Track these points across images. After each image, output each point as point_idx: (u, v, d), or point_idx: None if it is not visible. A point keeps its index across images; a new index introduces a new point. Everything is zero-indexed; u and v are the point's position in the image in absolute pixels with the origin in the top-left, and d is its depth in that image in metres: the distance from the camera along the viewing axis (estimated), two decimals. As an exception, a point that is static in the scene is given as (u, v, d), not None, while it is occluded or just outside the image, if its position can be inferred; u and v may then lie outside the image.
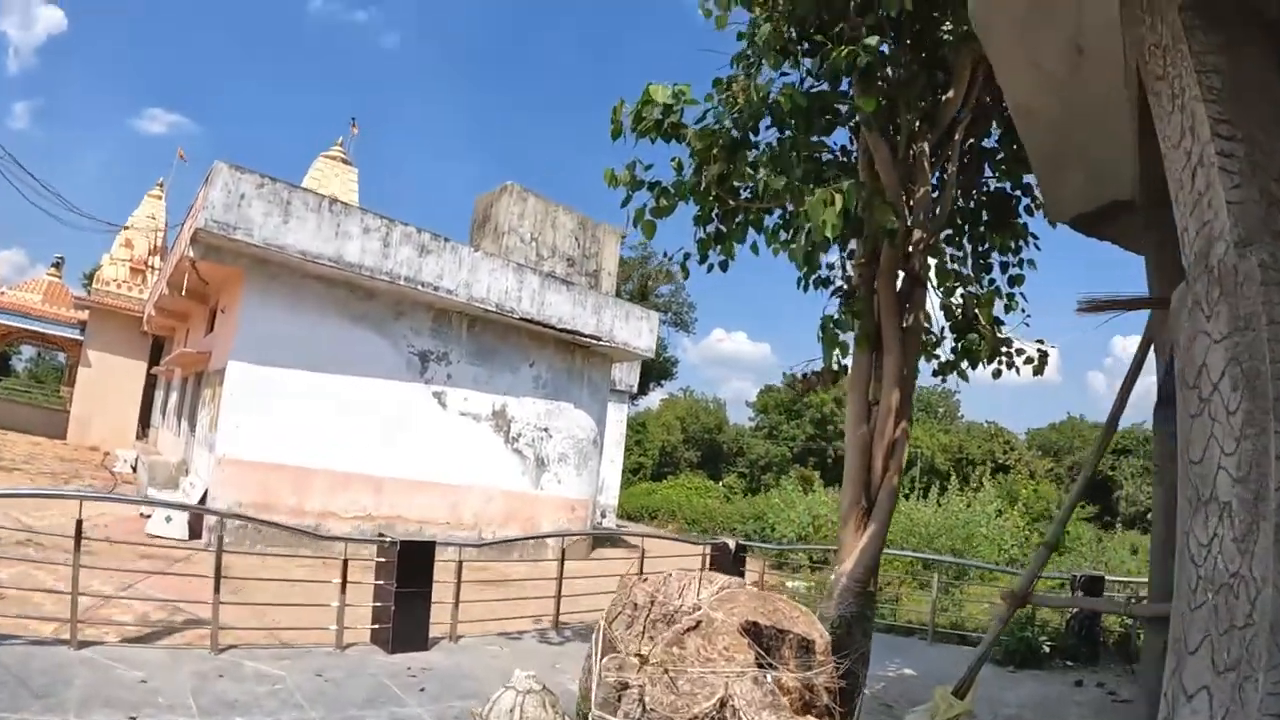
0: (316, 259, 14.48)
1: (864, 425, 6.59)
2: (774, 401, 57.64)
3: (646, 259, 49.85)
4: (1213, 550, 2.82)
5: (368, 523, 15.62)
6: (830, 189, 5.36)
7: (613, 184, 6.64)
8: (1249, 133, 3.07)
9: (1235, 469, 2.74)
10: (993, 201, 7.93)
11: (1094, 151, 5.53)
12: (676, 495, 38.47)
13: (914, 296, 6.76)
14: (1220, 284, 2.96)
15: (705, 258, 7.24)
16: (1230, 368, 2.84)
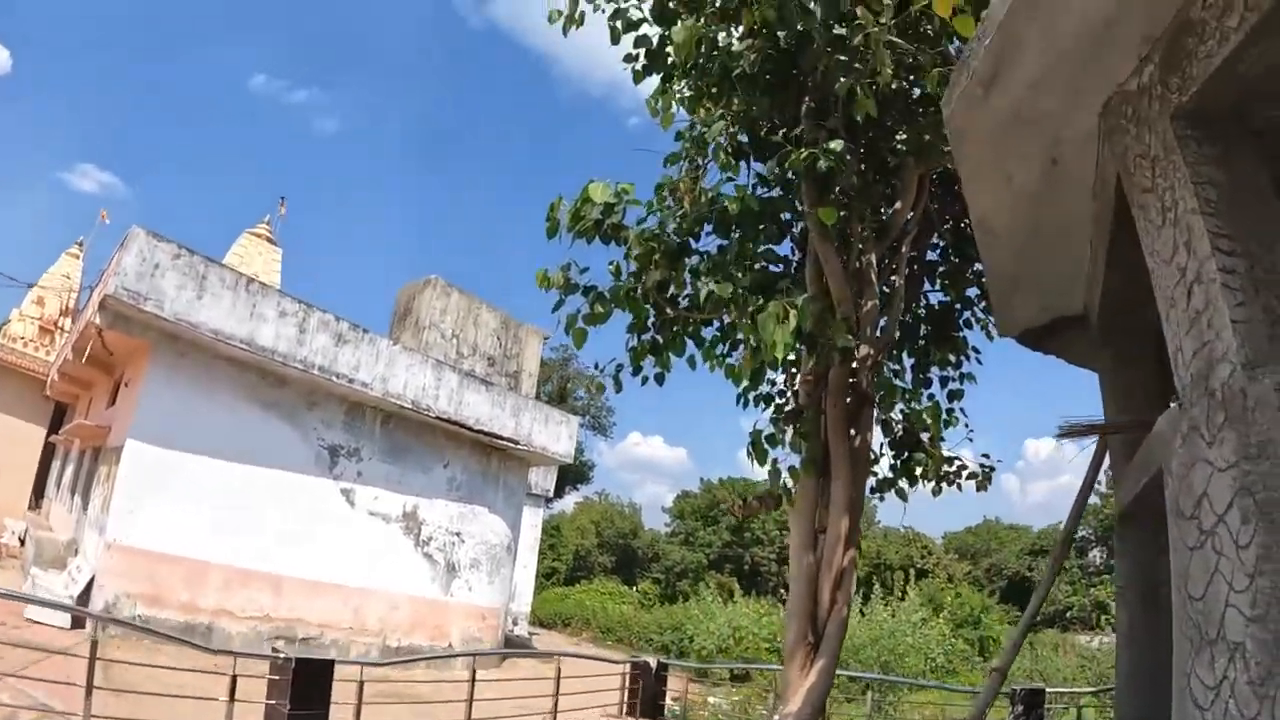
0: (229, 339, 13.85)
1: (810, 554, 6.15)
2: (690, 507, 57.23)
3: (567, 360, 49.72)
4: (1222, 694, 2.63)
5: (265, 624, 14.67)
6: (783, 303, 5.04)
7: (545, 286, 6.26)
8: (1248, 247, 2.92)
9: (1249, 607, 2.54)
10: (933, 315, 7.75)
11: (1049, 268, 5.46)
12: (591, 601, 37.56)
13: (861, 416, 6.43)
14: (1226, 408, 2.77)
15: (639, 369, 6.83)
16: (1240, 498, 2.63)
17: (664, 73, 6.68)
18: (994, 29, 3.31)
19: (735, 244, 6.17)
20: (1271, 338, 2.78)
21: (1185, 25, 3.12)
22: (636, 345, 6.72)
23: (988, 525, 58.26)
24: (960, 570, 52.06)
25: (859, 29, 4.85)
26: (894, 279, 6.72)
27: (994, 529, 57.94)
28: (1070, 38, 3.32)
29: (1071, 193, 4.48)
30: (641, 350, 6.71)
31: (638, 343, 6.71)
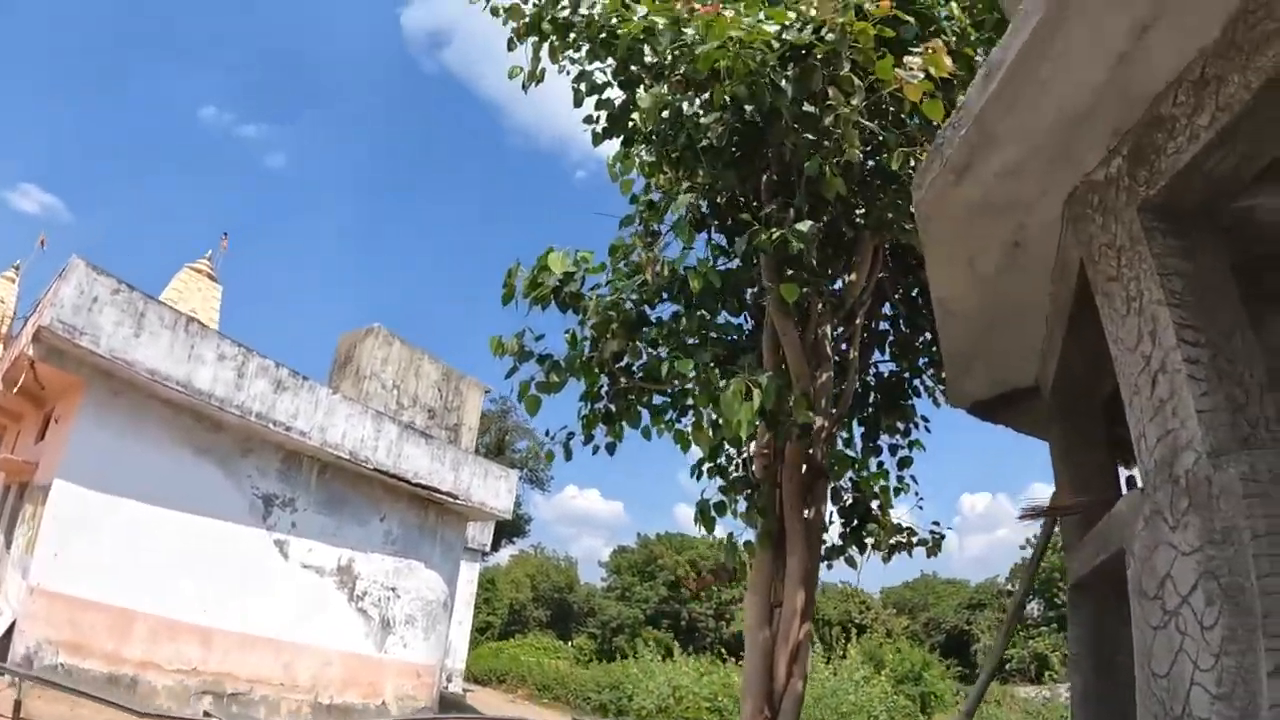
0: (165, 380, 13.46)
1: (766, 629, 6.10)
2: (627, 562, 56.85)
3: (506, 412, 49.37)
4: None
5: (193, 678, 14.12)
6: (745, 381, 5.03)
7: (499, 353, 6.23)
8: (1212, 338, 3.00)
9: (1214, 686, 2.60)
10: (883, 384, 7.82)
11: (1004, 345, 5.54)
12: (526, 657, 36.92)
13: (815, 488, 6.42)
14: (1190, 495, 2.84)
15: (590, 438, 6.78)
16: (1204, 582, 2.71)
17: (625, 137, 6.71)
18: (970, 121, 3.37)
19: (695, 318, 6.17)
20: (1233, 426, 2.84)
21: (1155, 120, 3.21)
22: (589, 414, 6.68)
23: (925, 580, 58.67)
24: (899, 625, 52.21)
25: (830, 109, 4.91)
26: (848, 350, 6.77)
27: (931, 584, 58.38)
28: (1043, 131, 3.40)
29: (1031, 275, 4.55)
30: (594, 419, 6.69)
31: (590, 411, 6.68)
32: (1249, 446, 2.81)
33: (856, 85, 4.89)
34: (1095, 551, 4.34)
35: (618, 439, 6.73)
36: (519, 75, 6.62)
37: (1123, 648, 5.36)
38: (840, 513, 7.36)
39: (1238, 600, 2.57)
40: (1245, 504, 2.62)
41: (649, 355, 6.07)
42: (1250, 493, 2.62)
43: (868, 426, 7.76)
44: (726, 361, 6.02)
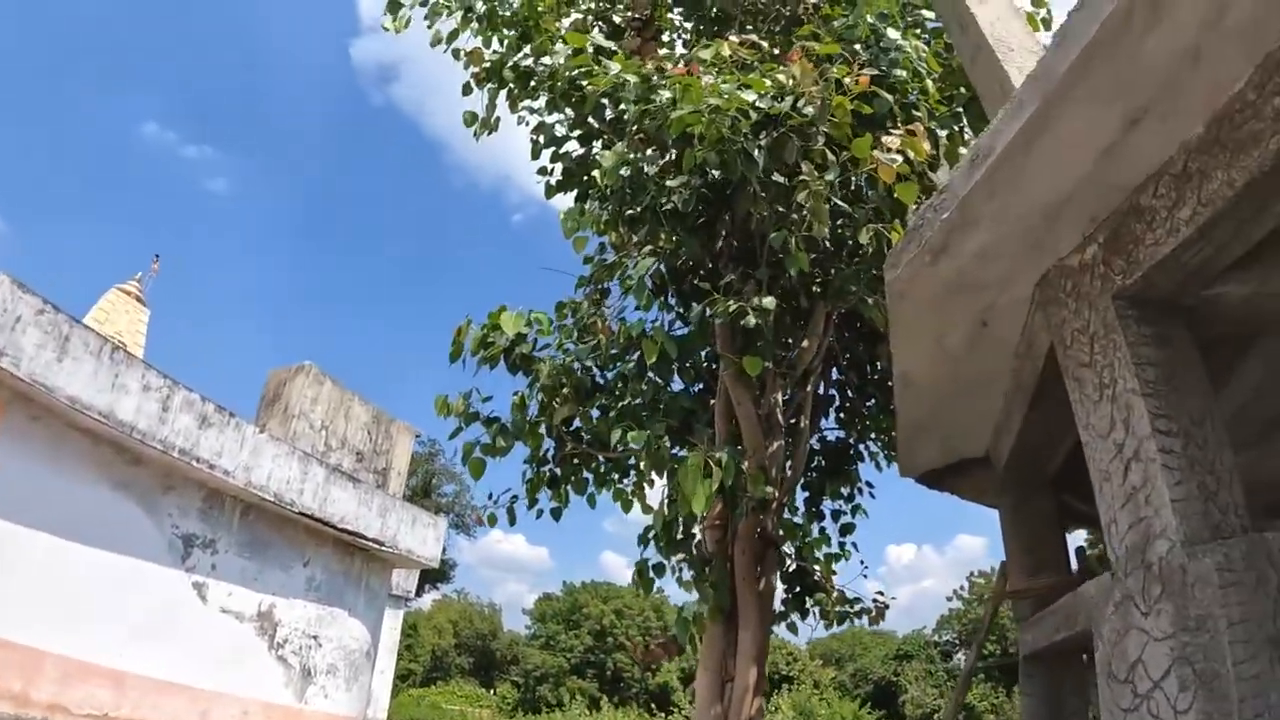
0: (86, 409, 12.65)
1: (718, 705, 5.96)
2: (552, 610, 56.29)
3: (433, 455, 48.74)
4: None
5: (104, 724, 13.31)
6: (703, 456, 4.95)
7: (444, 414, 6.16)
8: (1184, 426, 3.06)
9: None
10: (828, 450, 7.84)
11: (960, 417, 5.62)
12: (448, 705, 36.19)
13: (766, 559, 6.35)
14: (1163, 582, 2.89)
15: (534, 501, 6.68)
16: (1178, 667, 2.75)
17: (579, 192, 6.69)
18: (954, 204, 3.39)
19: (649, 387, 6.12)
20: (1205, 515, 2.89)
21: (1135, 210, 3.26)
22: (534, 477, 6.59)
23: (852, 632, 59.06)
24: (826, 677, 52.48)
25: (802, 183, 4.91)
26: (798, 419, 6.77)
27: (859, 635, 58.86)
28: (1022, 215, 3.44)
29: (995, 352, 4.61)
30: (538, 482, 6.59)
31: (535, 474, 6.59)
32: (1220, 535, 2.86)
33: (830, 160, 4.92)
34: (1055, 628, 4.36)
35: (563, 504, 6.67)
36: (474, 124, 6.57)
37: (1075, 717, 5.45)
38: (782, 578, 7.29)
39: (1212, 686, 2.61)
40: (1220, 593, 2.66)
41: (599, 420, 5.97)
42: (1225, 582, 2.67)
43: (811, 492, 7.78)
44: (679, 431, 5.98)
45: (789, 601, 7.33)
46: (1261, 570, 2.70)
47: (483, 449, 6.11)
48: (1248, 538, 2.78)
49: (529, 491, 6.59)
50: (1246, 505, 2.97)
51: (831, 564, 7.46)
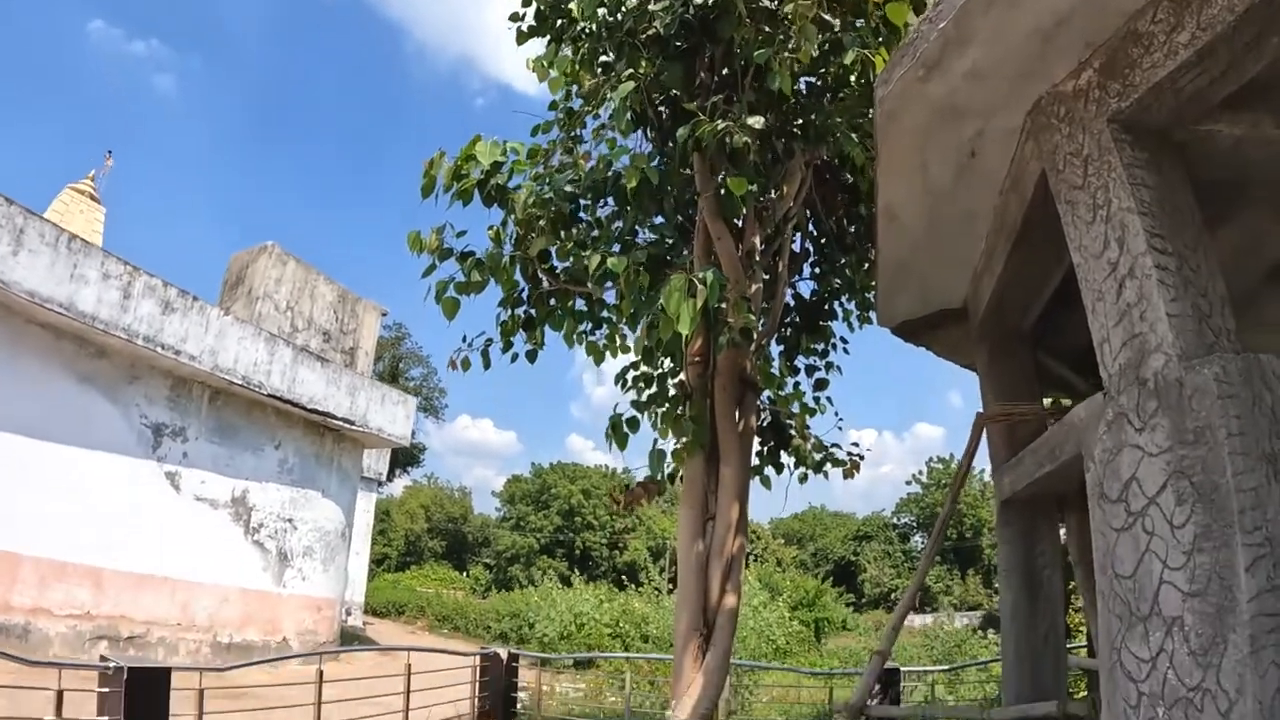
0: (46, 303, 12.45)
1: (700, 542, 5.97)
2: (521, 491, 57.07)
3: (400, 339, 48.56)
4: (1159, 666, 2.75)
5: (87, 622, 13.46)
6: (688, 277, 4.83)
7: (417, 250, 5.84)
8: (1178, 249, 3.04)
9: (1187, 584, 2.67)
10: (802, 305, 7.77)
11: (940, 260, 5.59)
12: (423, 589, 36.84)
13: (746, 401, 6.30)
14: (1159, 397, 2.88)
15: (509, 345, 6.54)
16: (1175, 481, 2.76)
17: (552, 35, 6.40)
18: (950, 15, 3.28)
19: (629, 216, 5.96)
20: (1200, 333, 2.89)
21: (1132, 35, 3.21)
22: (509, 319, 6.43)
23: (813, 512, 60.65)
24: (789, 555, 53.92)
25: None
26: (778, 263, 6.67)
27: (819, 516, 60.46)
28: (1019, 34, 3.37)
29: (980, 188, 4.58)
30: (513, 324, 6.43)
31: (510, 316, 6.43)
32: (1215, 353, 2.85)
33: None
34: (1037, 464, 4.39)
35: (538, 345, 6.55)
36: None
37: (1046, 564, 5.56)
38: (757, 432, 7.34)
39: (1211, 499, 2.62)
40: (1220, 404, 2.67)
41: (576, 256, 5.78)
42: (1224, 394, 2.67)
43: (786, 347, 7.74)
44: (659, 265, 5.84)
45: (764, 455, 7.36)
46: (1257, 390, 2.71)
47: (456, 287, 5.86)
48: (1244, 356, 2.78)
49: (503, 334, 6.43)
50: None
51: (806, 414, 7.48)
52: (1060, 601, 5.57)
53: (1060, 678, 5.52)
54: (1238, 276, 4.87)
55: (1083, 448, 3.39)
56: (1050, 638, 5.51)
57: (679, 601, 6.02)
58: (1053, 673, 5.48)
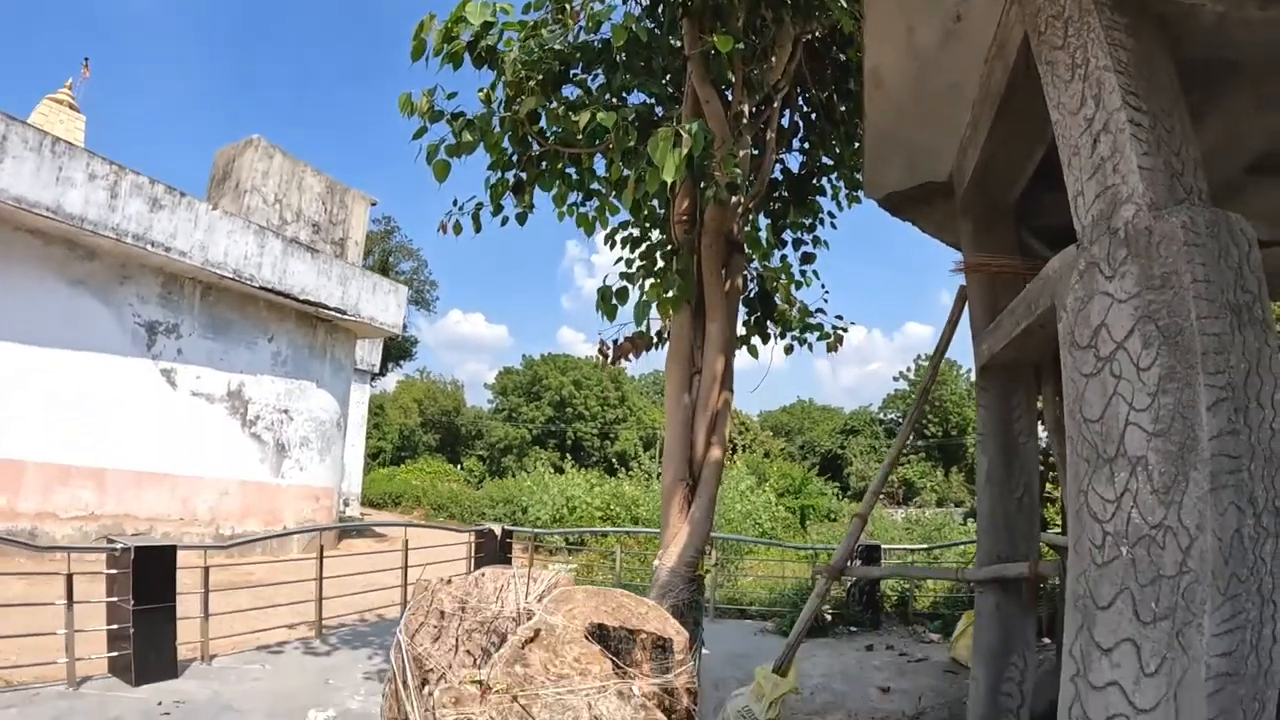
0: (33, 208, 12.42)
1: (686, 395, 6.15)
2: (513, 383, 57.36)
3: (390, 233, 48.23)
4: (1123, 505, 2.83)
5: (92, 523, 13.80)
6: (675, 127, 4.88)
7: (408, 112, 5.83)
8: (1153, 109, 3.08)
9: (1151, 424, 2.75)
10: (790, 179, 7.84)
11: (926, 129, 5.61)
12: (418, 480, 37.39)
13: (733, 260, 6.42)
14: (1128, 245, 2.94)
15: (499, 208, 6.60)
16: (1142, 325, 2.83)
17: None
18: None
19: (618, 78, 5.99)
20: (1171, 188, 2.96)
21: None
22: (498, 182, 6.49)
23: (801, 405, 61.35)
24: (776, 447, 54.63)
25: None
26: (767, 132, 6.73)
27: (808, 409, 61.16)
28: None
29: (966, 54, 4.61)
30: (502, 187, 6.49)
31: (499, 179, 6.49)
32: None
33: None
34: (1015, 322, 4.52)
35: (528, 209, 6.60)
36: None
37: (1022, 429, 5.77)
38: (744, 302, 7.45)
39: (1176, 341, 2.71)
40: (1185, 250, 2.74)
41: (565, 119, 5.76)
42: (1190, 241, 2.75)
43: (774, 219, 7.85)
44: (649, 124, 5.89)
45: (750, 325, 7.53)
46: (1224, 243, 2.78)
47: (447, 149, 5.85)
48: (1212, 210, 2.84)
49: (493, 197, 6.48)
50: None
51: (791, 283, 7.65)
52: (1034, 466, 5.75)
53: (1033, 540, 5.73)
54: (1221, 168, 4.92)
55: (1056, 298, 3.49)
56: (1024, 501, 5.70)
57: (666, 454, 6.22)
58: (1025, 535, 5.69)
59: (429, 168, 5.83)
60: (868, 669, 9.01)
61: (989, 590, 5.75)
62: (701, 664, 8.33)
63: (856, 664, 9.25)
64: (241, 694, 7.02)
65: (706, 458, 6.03)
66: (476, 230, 6.61)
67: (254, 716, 6.41)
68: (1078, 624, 3.05)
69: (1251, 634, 2.55)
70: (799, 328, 7.73)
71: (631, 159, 5.44)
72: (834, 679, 8.50)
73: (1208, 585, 2.53)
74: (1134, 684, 2.71)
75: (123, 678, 6.99)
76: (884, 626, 11.38)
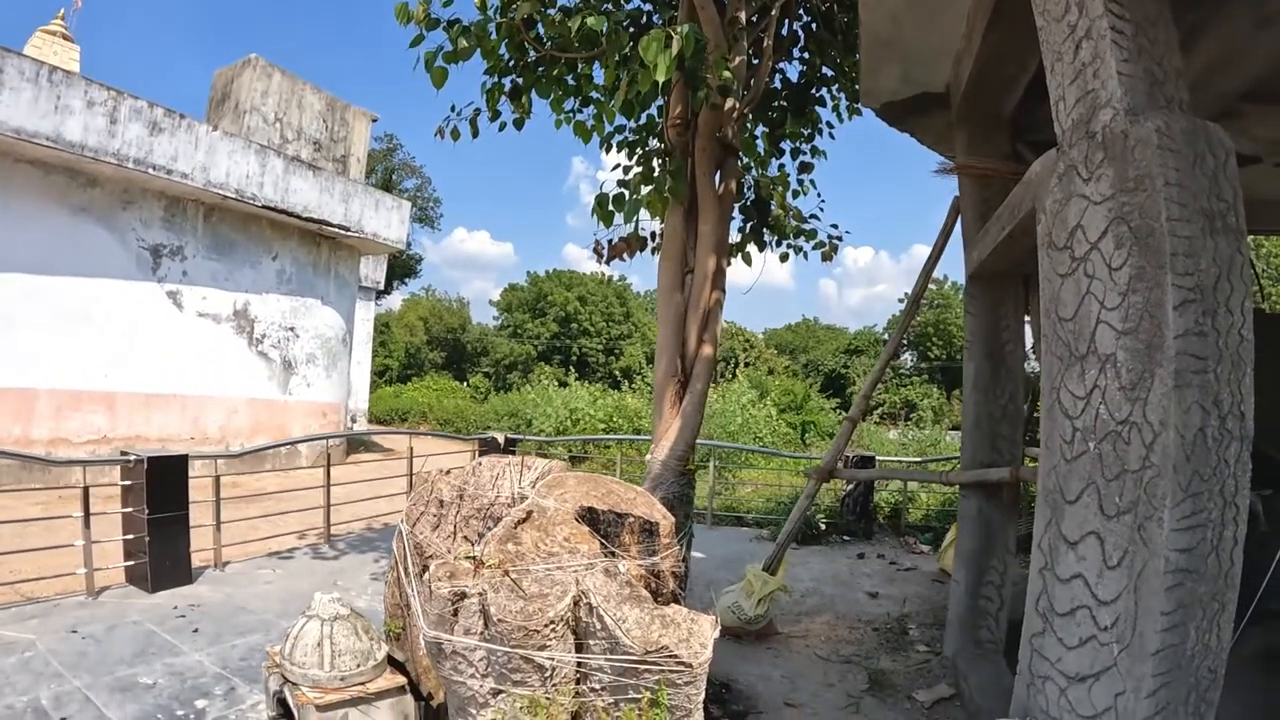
0: (32, 138, 12.34)
1: (679, 293, 6.23)
2: (518, 300, 57.41)
3: (392, 151, 47.84)
4: (1092, 402, 2.93)
5: (104, 446, 14.02)
6: (664, 30, 4.89)
7: (404, 21, 5.80)
8: (1137, 19, 3.08)
9: (1120, 322, 2.83)
10: (789, 88, 7.82)
11: (922, 37, 5.66)
12: (424, 397, 37.70)
13: (726, 164, 6.44)
14: (1105, 148, 2.98)
15: (497, 114, 6.62)
16: (1115, 227, 2.89)
17: None
18: None
19: None
20: (1150, 95, 3.00)
21: None
22: (494, 86, 6.50)
23: (806, 324, 61.32)
24: (780, 364, 54.79)
25: None
26: (763, 39, 6.71)
27: (812, 328, 61.11)
28: None
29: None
30: (498, 92, 6.51)
31: (495, 84, 6.51)
32: (1162, 111, 2.97)
33: None
34: (1001, 227, 4.60)
35: (525, 114, 6.62)
36: None
37: (1009, 338, 5.88)
38: (740, 210, 7.53)
39: (1147, 242, 2.78)
40: (1159, 155, 2.79)
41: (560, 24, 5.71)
42: (1164, 146, 2.79)
43: (772, 128, 7.86)
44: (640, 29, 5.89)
45: (746, 233, 7.59)
46: (1200, 150, 2.82)
47: (444, 56, 5.86)
48: (1189, 117, 2.88)
49: (489, 101, 6.50)
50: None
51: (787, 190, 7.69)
52: (1019, 374, 5.92)
53: (1016, 445, 5.93)
54: (1218, 91, 4.97)
55: (1036, 201, 3.56)
56: (1009, 407, 5.90)
57: (658, 350, 6.31)
58: (1009, 440, 5.90)
59: (428, 75, 5.85)
60: (858, 575, 9.26)
61: (972, 494, 5.95)
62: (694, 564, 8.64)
63: (848, 570, 9.50)
64: (253, 596, 7.31)
65: (699, 354, 6.11)
66: (474, 135, 6.67)
67: (265, 615, 6.67)
68: (1046, 518, 3.18)
69: (1212, 534, 2.65)
70: (794, 234, 7.80)
71: (625, 64, 5.45)
72: (825, 583, 8.76)
73: (1169, 480, 2.62)
74: (1097, 576, 2.84)
75: (139, 586, 7.24)
76: (876, 537, 11.61)
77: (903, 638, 6.93)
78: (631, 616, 3.16)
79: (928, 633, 7.05)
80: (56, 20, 20.48)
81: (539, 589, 3.24)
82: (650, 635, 3.09)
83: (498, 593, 3.19)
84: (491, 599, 3.17)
